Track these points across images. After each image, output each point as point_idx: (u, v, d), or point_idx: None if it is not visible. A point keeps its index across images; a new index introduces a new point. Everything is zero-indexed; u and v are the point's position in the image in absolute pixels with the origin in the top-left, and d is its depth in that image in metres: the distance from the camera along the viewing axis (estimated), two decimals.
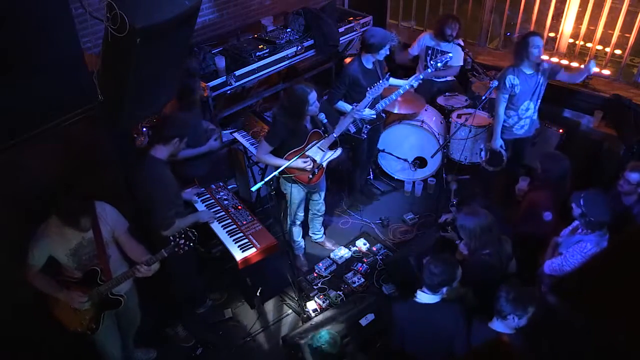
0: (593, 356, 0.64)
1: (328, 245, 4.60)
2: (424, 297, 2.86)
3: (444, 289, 2.82)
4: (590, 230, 3.04)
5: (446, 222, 3.80)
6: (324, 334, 3.17)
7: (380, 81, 4.03)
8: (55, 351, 3.21)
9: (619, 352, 0.61)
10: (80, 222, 2.72)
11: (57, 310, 2.91)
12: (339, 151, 3.84)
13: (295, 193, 3.95)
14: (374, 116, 4.20)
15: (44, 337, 3.09)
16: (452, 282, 2.84)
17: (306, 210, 4.31)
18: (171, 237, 2.95)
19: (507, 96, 4.23)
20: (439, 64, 4.16)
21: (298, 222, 4.23)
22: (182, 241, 2.94)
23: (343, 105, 4.33)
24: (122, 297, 3.02)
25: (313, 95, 3.51)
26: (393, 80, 4.44)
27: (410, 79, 4.20)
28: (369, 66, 4.25)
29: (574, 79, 4.31)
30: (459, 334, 2.82)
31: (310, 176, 3.80)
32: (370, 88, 3.95)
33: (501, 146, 4.42)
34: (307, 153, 3.67)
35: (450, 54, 4.32)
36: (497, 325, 2.74)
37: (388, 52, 4.19)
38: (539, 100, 4.28)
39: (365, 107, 4.03)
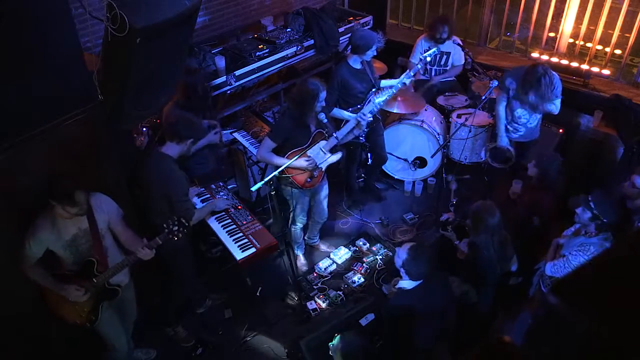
0: (594, 357, 0.64)
1: (323, 247, 4.59)
2: (408, 283, 2.92)
3: None
4: (599, 232, 3.01)
5: (447, 222, 3.80)
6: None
7: (391, 88, 4.06)
8: (58, 345, 3.22)
9: (620, 353, 0.61)
10: (75, 198, 2.64)
11: (55, 305, 2.93)
12: (339, 155, 3.85)
13: (298, 198, 3.93)
14: (371, 118, 4.20)
15: (47, 332, 3.10)
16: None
17: (308, 214, 4.31)
18: (164, 225, 2.90)
19: (505, 95, 4.22)
20: (428, 59, 4.18)
21: (300, 225, 4.23)
22: (176, 228, 2.90)
23: (340, 113, 4.29)
24: (119, 287, 3.03)
25: (323, 93, 3.54)
26: (384, 82, 4.45)
27: (401, 77, 4.20)
28: (357, 66, 4.25)
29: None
30: (450, 304, 2.89)
31: (309, 179, 3.79)
32: (376, 94, 3.97)
33: (508, 143, 4.38)
34: (308, 153, 3.67)
35: (435, 49, 4.37)
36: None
37: (375, 53, 4.20)
38: (539, 115, 4.25)
39: (370, 111, 4.04)
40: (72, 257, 2.85)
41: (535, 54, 5.40)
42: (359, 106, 4.33)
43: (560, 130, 4.92)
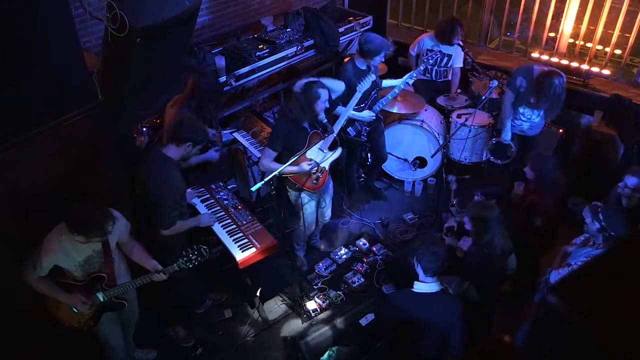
0: (594, 357, 0.64)
1: (322, 247, 4.59)
2: (422, 286, 2.89)
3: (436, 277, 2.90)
4: (606, 244, 2.99)
5: (448, 229, 3.79)
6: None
7: (368, 75, 4.03)
8: (55, 346, 3.21)
9: (621, 354, 0.61)
10: (104, 230, 2.65)
11: (53, 307, 2.90)
12: (339, 151, 3.83)
13: (306, 202, 3.92)
14: (374, 117, 4.19)
15: (46, 332, 3.09)
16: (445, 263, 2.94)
17: None
18: (183, 252, 2.97)
19: (513, 95, 4.25)
20: (430, 61, 4.23)
21: (304, 229, 4.23)
22: (194, 257, 2.97)
23: (342, 110, 4.30)
24: (125, 300, 3.02)
25: (325, 93, 3.52)
26: (386, 82, 4.45)
27: (404, 77, 4.21)
28: (363, 67, 4.26)
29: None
30: (456, 327, 2.84)
31: (315, 181, 3.78)
32: (359, 83, 3.97)
33: (511, 139, 4.42)
34: (307, 155, 3.66)
35: (435, 58, 4.43)
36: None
37: (383, 59, 4.20)
38: (540, 113, 4.28)
39: (355, 102, 4.02)
40: (82, 273, 2.83)
41: (535, 54, 5.40)
42: (362, 105, 4.33)
43: (560, 130, 4.92)
